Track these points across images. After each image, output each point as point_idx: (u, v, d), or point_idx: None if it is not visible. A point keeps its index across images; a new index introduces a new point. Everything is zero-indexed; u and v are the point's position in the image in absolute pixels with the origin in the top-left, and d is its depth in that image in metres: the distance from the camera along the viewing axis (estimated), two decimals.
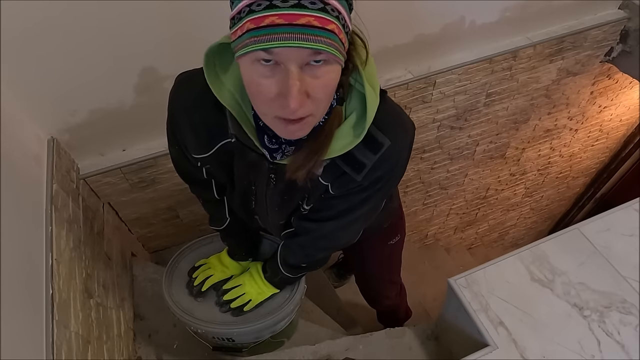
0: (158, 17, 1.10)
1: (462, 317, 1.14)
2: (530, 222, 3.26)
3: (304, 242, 1.01)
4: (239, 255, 1.19)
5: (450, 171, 2.29)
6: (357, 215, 0.88)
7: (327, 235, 0.95)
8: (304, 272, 1.13)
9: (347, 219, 0.89)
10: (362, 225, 0.96)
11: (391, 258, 1.45)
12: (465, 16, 1.55)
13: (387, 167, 0.77)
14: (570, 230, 1.25)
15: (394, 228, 1.32)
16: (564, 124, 2.35)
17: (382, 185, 0.81)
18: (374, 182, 0.80)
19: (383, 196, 0.90)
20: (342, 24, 0.58)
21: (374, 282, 1.55)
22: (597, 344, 1.05)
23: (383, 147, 0.73)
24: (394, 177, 0.83)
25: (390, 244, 1.34)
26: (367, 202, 0.85)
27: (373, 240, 1.27)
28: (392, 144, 0.73)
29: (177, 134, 0.86)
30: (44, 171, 1.12)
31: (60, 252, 1.05)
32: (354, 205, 0.86)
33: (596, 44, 1.90)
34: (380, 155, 0.74)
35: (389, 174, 0.80)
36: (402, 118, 0.79)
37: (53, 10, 0.99)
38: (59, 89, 1.14)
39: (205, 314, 1.14)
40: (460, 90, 1.77)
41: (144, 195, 1.50)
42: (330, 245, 1.02)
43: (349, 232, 0.96)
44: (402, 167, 0.82)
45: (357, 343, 1.38)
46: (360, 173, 0.76)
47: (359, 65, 0.69)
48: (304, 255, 1.05)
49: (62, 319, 0.96)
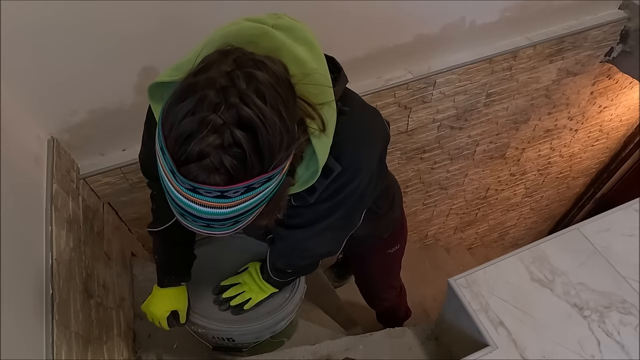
0: (158, 17, 1.10)
1: (462, 317, 1.14)
2: (530, 222, 3.26)
3: (281, 250, 0.99)
4: (169, 278, 1.08)
5: (450, 171, 2.29)
6: (327, 223, 0.84)
7: (300, 244, 0.92)
8: (292, 277, 1.12)
9: (317, 228, 0.85)
10: (339, 235, 0.93)
11: (390, 265, 1.45)
12: (465, 16, 1.55)
13: (342, 181, 0.75)
14: (570, 230, 1.25)
15: (395, 237, 1.30)
16: (564, 124, 2.35)
17: (344, 197, 0.78)
18: (333, 194, 0.77)
19: (354, 207, 0.85)
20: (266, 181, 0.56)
21: (373, 286, 1.55)
22: (597, 344, 1.05)
23: (333, 173, 0.72)
24: (357, 189, 0.78)
25: (389, 252, 1.33)
26: (335, 211, 0.82)
27: (372, 249, 1.26)
28: (342, 169, 0.72)
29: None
30: (44, 171, 1.12)
31: (60, 252, 1.05)
32: (321, 214, 0.82)
33: (596, 44, 1.90)
34: (331, 180, 0.72)
35: (346, 188, 0.77)
36: (360, 135, 0.75)
37: (53, 10, 0.99)
38: (59, 89, 1.14)
39: (205, 313, 1.14)
40: (460, 90, 1.77)
41: (144, 195, 1.50)
42: (307, 255, 0.99)
43: (324, 241, 0.92)
44: (367, 178, 0.79)
45: (357, 343, 1.38)
46: (312, 196, 0.75)
47: (313, 138, 0.64)
48: (287, 262, 1.04)
49: (62, 319, 0.95)
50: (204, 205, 0.55)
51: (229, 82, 0.52)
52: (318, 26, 0.79)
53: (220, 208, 0.55)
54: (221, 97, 0.51)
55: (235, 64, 0.54)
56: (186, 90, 0.53)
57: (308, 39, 0.67)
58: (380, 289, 1.55)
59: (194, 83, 0.53)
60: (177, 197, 0.56)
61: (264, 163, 0.53)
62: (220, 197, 0.54)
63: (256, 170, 0.53)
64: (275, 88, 0.54)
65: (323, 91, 0.65)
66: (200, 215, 0.57)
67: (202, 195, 0.53)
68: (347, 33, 1.38)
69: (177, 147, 0.52)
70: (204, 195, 0.53)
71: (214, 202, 0.54)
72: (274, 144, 0.53)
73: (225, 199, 0.54)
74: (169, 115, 0.53)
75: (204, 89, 0.52)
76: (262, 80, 0.53)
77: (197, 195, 0.54)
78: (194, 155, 0.51)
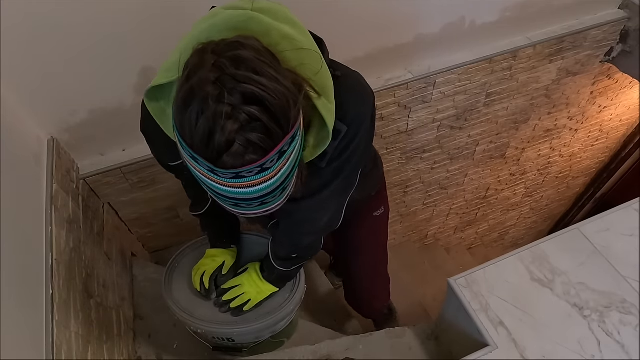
0: (158, 17, 1.10)
1: (462, 317, 1.14)
2: (530, 222, 3.26)
3: (287, 228, 1.02)
4: (221, 243, 1.20)
5: (450, 171, 2.29)
6: (332, 189, 0.87)
7: (307, 215, 0.95)
8: (297, 263, 1.12)
9: (322, 195, 0.87)
10: (340, 201, 0.96)
11: (378, 234, 1.43)
12: (465, 16, 1.55)
13: (348, 139, 0.78)
14: (570, 230, 1.25)
15: (380, 198, 1.32)
16: (564, 124, 2.35)
17: (349, 155, 0.81)
18: (341, 153, 0.80)
19: (355, 166, 0.89)
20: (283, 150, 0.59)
21: (363, 276, 1.53)
22: (597, 344, 1.05)
23: (341, 134, 0.76)
24: (360, 144, 0.82)
25: (376, 215, 1.33)
26: (341, 171, 0.84)
27: (360, 211, 1.26)
28: (349, 129, 0.76)
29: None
30: (44, 171, 1.12)
31: (60, 252, 1.05)
32: (328, 178, 0.85)
33: (596, 44, 1.90)
34: (339, 141, 0.76)
35: (352, 144, 0.80)
36: (357, 95, 0.80)
37: (53, 10, 0.99)
38: (59, 89, 1.14)
39: (205, 314, 1.14)
40: (460, 90, 1.77)
41: (144, 195, 1.50)
42: (313, 228, 1.01)
43: (328, 209, 0.95)
44: (366, 133, 0.83)
45: (357, 343, 1.38)
46: (323, 160, 0.78)
47: (317, 103, 0.67)
48: (291, 244, 1.06)
49: (62, 319, 0.96)
50: (251, 185, 0.59)
51: (219, 72, 0.55)
52: (318, 26, 0.79)
53: (265, 181, 0.60)
54: (219, 87, 0.54)
55: (215, 55, 0.57)
56: (186, 97, 0.56)
57: (287, 16, 0.70)
58: (370, 280, 1.54)
59: (190, 88, 0.56)
60: (225, 190, 0.60)
61: (283, 125, 0.57)
62: (261, 171, 0.58)
63: (280, 134, 0.57)
64: (259, 58, 0.57)
65: (315, 59, 0.69)
66: (251, 196, 0.61)
67: (246, 177, 0.58)
68: (347, 33, 1.38)
69: (205, 147, 0.56)
70: (247, 176, 0.57)
71: (259, 179, 0.59)
72: (284, 105, 0.56)
73: (266, 170, 0.58)
74: (183, 125, 0.57)
75: (201, 88, 0.55)
76: (245, 57, 0.56)
77: (242, 179, 0.58)
78: (222, 147, 0.55)
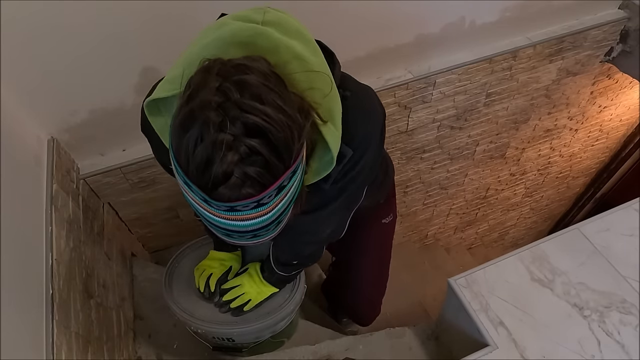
0: (158, 17, 1.10)
1: (462, 317, 1.14)
2: (530, 222, 3.26)
3: (289, 237, 0.99)
4: (226, 246, 1.18)
5: (450, 171, 2.29)
6: (335, 206, 0.85)
7: (309, 228, 0.93)
8: (296, 269, 1.12)
9: (325, 212, 0.86)
10: (345, 215, 0.95)
11: (383, 241, 1.42)
12: (465, 16, 1.55)
13: (354, 161, 0.76)
14: (570, 230, 1.25)
15: (389, 204, 1.31)
16: (564, 124, 2.35)
17: (354, 175, 0.80)
18: (345, 174, 0.78)
19: (361, 184, 0.87)
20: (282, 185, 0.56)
21: (364, 280, 1.48)
22: (597, 344, 1.05)
23: (346, 158, 0.72)
24: (365, 166, 0.80)
25: (384, 222, 1.33)
26: (344, 190, 0.83)
27: (368, 218, 1.25)
28: (355, 152, 0.72)
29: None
30: (44, 171, 1.12)
31: (60, 252, 1.05)
32: (330, 197, 0.84)
33: (596, 44, 1.90)
34: (343, 165, 0.73)
35: (357, 166, 0.78)
36: (366, 114, 0.77)
37: (53, 10, 0.99)
38: (59, 89, 1.14)
39: (205, 314, 1.14)
40: (460, 90, 1.77)
41: (144, 195, 1.50)
42: (314, 239, 1.00)
43: (330, 222, 0.94)
44: (373, 154, 0.80)
45: (357, 343, 1.38)
46: (327, 182, 0.75)
47: (323, 129, 0.63)
48: (292, 251, 1.05)
49: (62, 319, 0.95)
50: (245, 219, 0.56)
51: (222, 97, 0.52)
52: (318, 26, 0.79)
53: (260, 216, 0.57)
54: (222, 114, 0.51)
55: (221, 77, 0.53)
56: (185, 119, 0.53)
57: (299, 31, 0.67)
58: (371, 284, 1.50)
59: (190, 110, 0.53)
60: (217, 221, 0.57)
61: (284, 158, 0.54)
62: (257, 206, 0.55)
63: (281, 169, 0.54)
64: (266, 85, 0.54)
65: (325, 82, 0.65)
66: (245, 230, 0.59)
67: (240, 211, 0.55)
68: (347, 33, 1.38)
69: (200, 175, 0.53)
70: (242, 210, 0.54)
71: (254, 213, 0.56)
72: (287, 138, 0.53)
73: (262, 206, 0.55)
74: (180, 149, 0.54)
75: (202, 112, 0.52)
76: (251, 82, 0.53)
77: (236, 212, 0.55)
78: (219, 178, 0.52)
